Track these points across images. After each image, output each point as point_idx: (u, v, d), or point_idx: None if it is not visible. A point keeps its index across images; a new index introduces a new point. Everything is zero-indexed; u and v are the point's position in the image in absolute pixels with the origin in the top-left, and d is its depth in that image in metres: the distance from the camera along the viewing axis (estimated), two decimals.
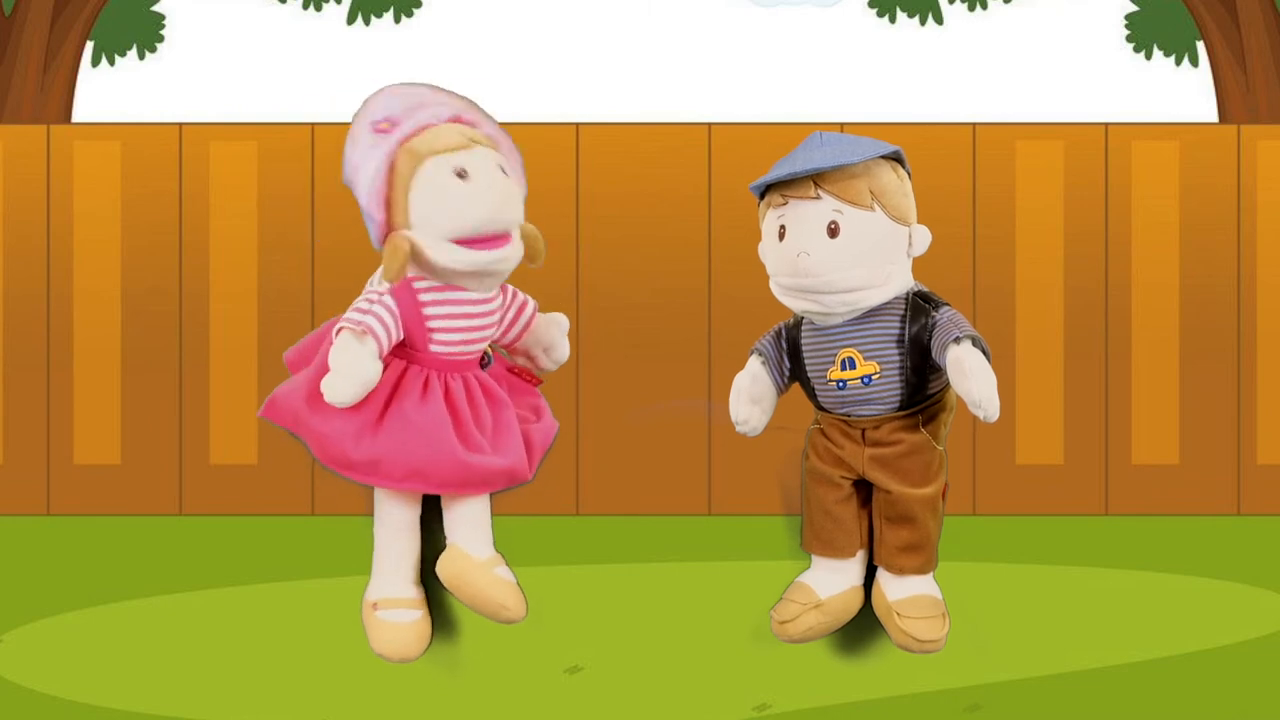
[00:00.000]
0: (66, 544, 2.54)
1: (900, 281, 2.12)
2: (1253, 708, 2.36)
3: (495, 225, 2.07)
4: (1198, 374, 3.66)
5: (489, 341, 2.17)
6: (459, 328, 2.11)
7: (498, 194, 2.07)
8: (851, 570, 2.19)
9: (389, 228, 2.09)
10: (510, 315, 2.21)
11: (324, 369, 2.07)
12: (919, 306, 2.11)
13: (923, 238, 2.13)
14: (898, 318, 2.11)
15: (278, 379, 2.19)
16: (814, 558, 2.20)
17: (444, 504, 2.17)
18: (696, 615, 2.31)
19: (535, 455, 2.16)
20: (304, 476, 3.63)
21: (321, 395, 2.06)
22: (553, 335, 2.25)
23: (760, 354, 2.21)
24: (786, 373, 2.21)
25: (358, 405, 2.06)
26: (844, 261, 2.07)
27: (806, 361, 2.17)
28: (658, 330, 3.66)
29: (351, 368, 2.04)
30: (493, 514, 2.20)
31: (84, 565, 2.50)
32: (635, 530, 2.48)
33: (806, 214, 2.08)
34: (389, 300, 2.09)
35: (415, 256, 2.07)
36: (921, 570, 2.16)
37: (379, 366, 2.06)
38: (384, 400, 2.08)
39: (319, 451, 2.09)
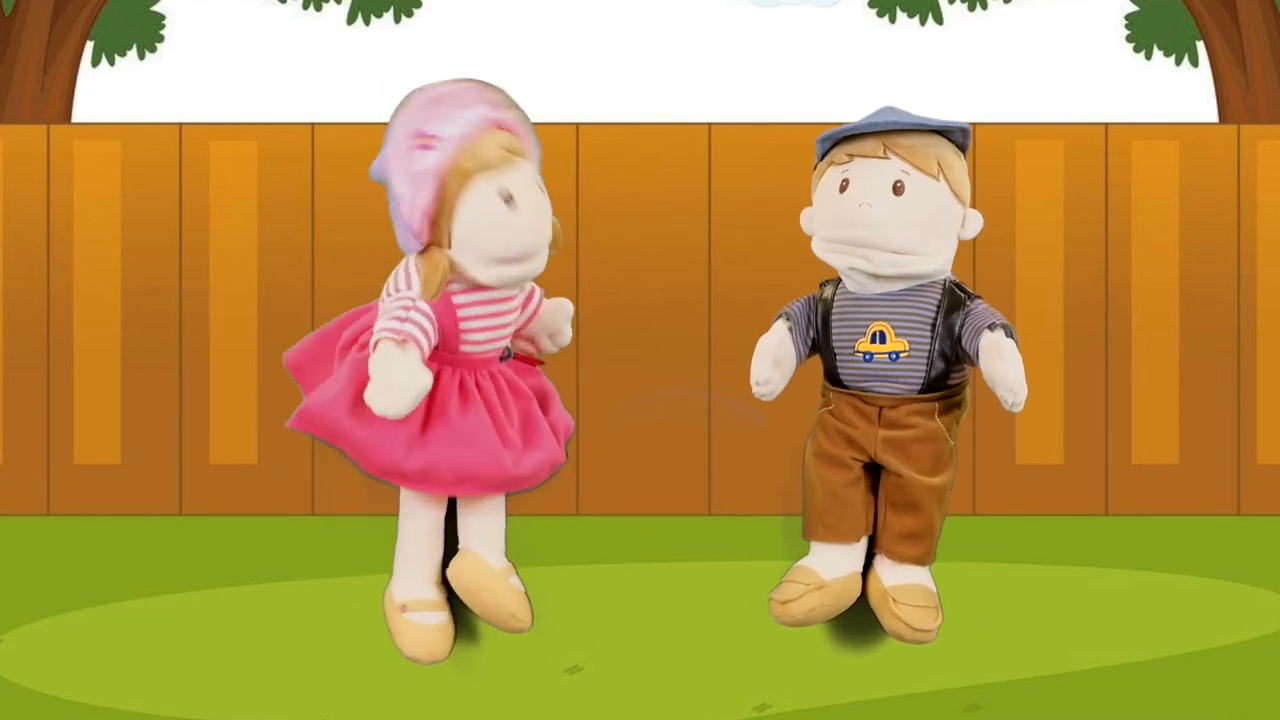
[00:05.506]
0: (66, 544, 2.55)
1: (945, 259, 2.14)
2: (1253, 708, 2.35)
3: (535, 248, 2.08)
4: (1198, 374, 3.66)
5: (511, 333, 2.19)
6: (489, 326, 2.12)
7: (541, 220, 2.08)
8: (854, 555, 2.18)
9: (430, 241, 2.08)
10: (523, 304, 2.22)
11: (359, 378, 2.05)
12: (955, 295, 2.13)
13: (975, 222, 2.16)
14: (934, 301, 2.13)
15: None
16: (814, 544, 2.19)
17: (460, 510, 2.17)
18: (696, 615, 2.31)
19: (562, 441, 2.18)
20: (304, 476, 3.63)
21: (363, 405, 2.03)
22: (558, 321, 2.26)
23: (788, 318, 2.21)
24: (810, 342, 2.21)
25: None
26: (905, 220, 2.09)
27: (835, 331, 2.17)
28: (658, 330, 3.66)
29: (403, 382, 2.01)
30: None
31: (84, 565, 2.50)
32: (635, 530, 2.48)
33: (873, 171, 2.11)
34: (424, 306, 2.08)
35: (452, 269, 2.07)
36: (920, 561, 2.16)
37: (429, 375, 2.04)
38: (425, 406, 2.07)
39: (363, 460, 2.08)
